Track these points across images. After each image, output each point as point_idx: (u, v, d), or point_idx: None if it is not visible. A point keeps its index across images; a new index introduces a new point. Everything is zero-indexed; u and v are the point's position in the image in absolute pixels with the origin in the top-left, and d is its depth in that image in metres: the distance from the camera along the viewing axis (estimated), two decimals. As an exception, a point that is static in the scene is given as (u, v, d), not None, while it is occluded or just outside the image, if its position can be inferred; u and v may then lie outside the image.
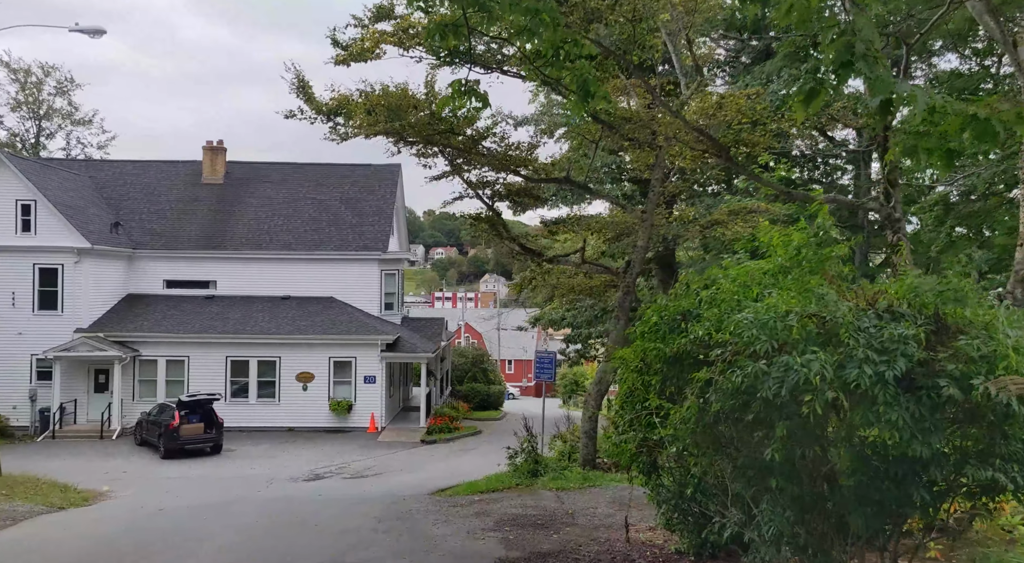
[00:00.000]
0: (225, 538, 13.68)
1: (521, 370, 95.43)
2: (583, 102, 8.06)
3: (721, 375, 6.58)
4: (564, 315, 39.99)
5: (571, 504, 14.43)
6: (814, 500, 6.84)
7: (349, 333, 34.38)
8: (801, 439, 6.49)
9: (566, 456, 18.57)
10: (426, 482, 22.18)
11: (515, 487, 16.81)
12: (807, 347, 6.21)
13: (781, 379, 6.08)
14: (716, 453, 7.13)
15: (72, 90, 54.00)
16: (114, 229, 36.74)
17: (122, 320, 34.73)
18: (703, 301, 7.90)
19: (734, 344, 6.63)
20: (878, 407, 5.87)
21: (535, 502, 14.81)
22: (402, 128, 16.71)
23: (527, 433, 18.15)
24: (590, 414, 17.74)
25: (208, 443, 28.88)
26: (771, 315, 6.46)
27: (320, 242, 37.76)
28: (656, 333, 8.09)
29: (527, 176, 19.51)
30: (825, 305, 6.54)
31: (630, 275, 18.20)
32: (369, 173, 41.86)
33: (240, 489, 21.42)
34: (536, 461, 17.59)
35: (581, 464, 17.52)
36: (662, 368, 7.81)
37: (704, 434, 6.95)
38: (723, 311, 7.24)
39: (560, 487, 15.88)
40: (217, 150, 40.97)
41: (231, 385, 34.25)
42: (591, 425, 17.75)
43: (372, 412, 34.07)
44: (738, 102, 14.54)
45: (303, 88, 17.76)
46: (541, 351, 23.88)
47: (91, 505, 18.62)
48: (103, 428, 32.37)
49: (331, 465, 26.41)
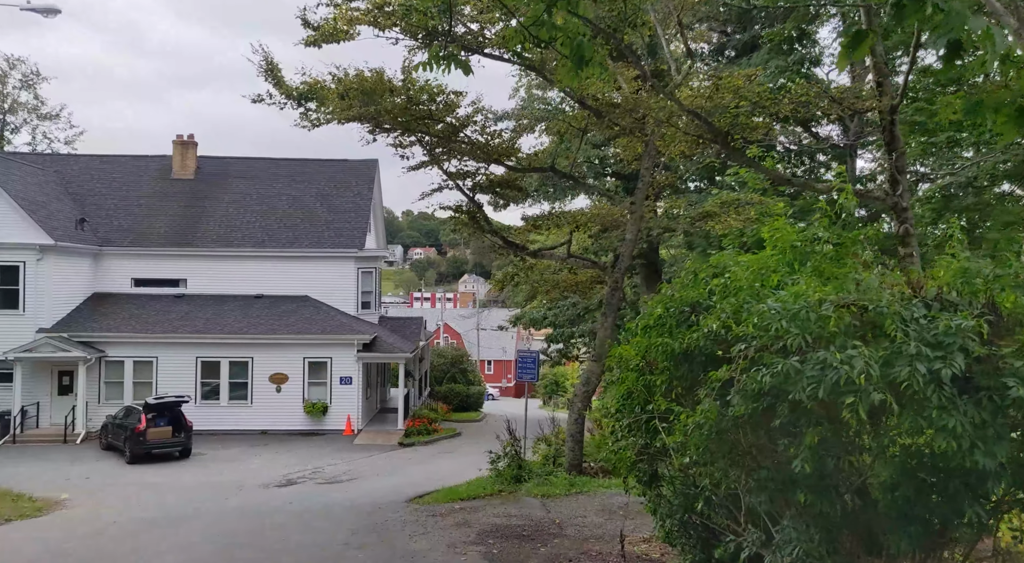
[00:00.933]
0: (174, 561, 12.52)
1: (501, 371, 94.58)
2: (577, 69, 7.15)
3: (743, 374, 5.72)
4: (546, 314, 39.13)
5: (558, 512, 13.54)
6: (844, 517, 6.00)
7: (324, 333, 33.30)
8: (833, 448, 5.65)
9: (551, 460, 17.64)
10: (403, 487, 21.21)
11: (498, 493, 15.87)
12: (846, 341, 5.36)
13: (817, 379, 5.22)
14: (732, 464, 6.26)
15: (38, 84, 52.43)
16: (80, 225, 35.38)
17: (88, 320, 33.43)
18: (715, 291, 7.03)
19: (758, 338, 5.76)
20: (930, 411, 5.03)
21: (519, 510, 13.90)
22: (377, 113, 15.71)
23: (510, 436, 17.25)
24: (576, 416, 16.81)
25: (176, 447, 27.72)
26: (801, 304, 5.61)
27: (294, 239, 36.63)
28: (661, 327, 7.22)
29: (511, 166, 18.53)
30: (864, 292, 5.69)
31: (618, 270, 17.31)
32: (345, 168, 40.80)
33: (206, 497, 20.34)
34: (520, 466, 16.66)
35: (567, 469, 16.61)
36: (668, 367, 6.94)
37: (720, 442, 6.08)
38: (741, 301, 6.38)
39: (546, 494, 14.97)
40: (188, 144, 39.71)
41: (202, 387, 33.06)
42: (577, 428, 16.85)
43: (348, 414, 33.02)
44: (735, 84, 13.72)
45: (272, 71, 16.70)
46: (523, 350, 22.98)
47: (42, 516, 17.46)
48: (67, 432, 31.09)
49: (305, 470, 25.37)
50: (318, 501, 19.08)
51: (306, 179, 39.94)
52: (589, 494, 14.87)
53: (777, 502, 6.20)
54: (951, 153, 21.03)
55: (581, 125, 18.59)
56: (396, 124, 16.46)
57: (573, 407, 16.92)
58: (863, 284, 5.80)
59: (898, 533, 5.63)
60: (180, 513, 17.20)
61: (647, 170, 17.15)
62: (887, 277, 6.17)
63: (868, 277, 5.91)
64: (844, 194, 7.17)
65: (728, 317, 6.23)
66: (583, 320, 36.91)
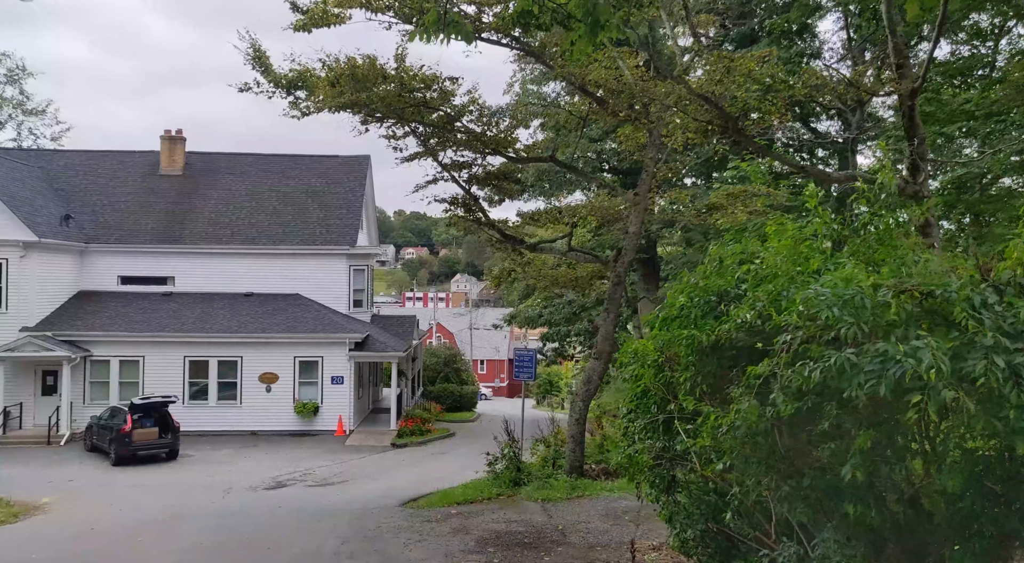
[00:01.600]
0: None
1: (494, 370, 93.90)
2: (592, 34, 6.51)
3: (787, 368, 5.07)
4: (541, 312, 38.45)
5: (560, 518, 12.87)
6: (893, 530, 5.36)
7: (315, 331, 32.56)
8: (885, 453, 5.01)
9: (550, 462, 16.95)
10: (396, 490, 20.53)
11: (496, 497, 15.19)
12: (908, 331, 4.72)
13: (877, 374, 4.58)
14: (767, 470, 5.61)
15: (24, 78, 51.37)
16: (64, 222, 34.55)
17: (72, 318, 32.61)
18: (746, 278, 6.38)
19: (804, 328, 5.12)
20: (1007, 411, 4.39)
21: (520, 516, 13.22)
22: (370, 100, 15.01)
23: (508, 437, 16.57)
24: (577, 417, 16.10)
25: (163, 449, 26.96)
26: (854, 290, 4.96)
27: (285, 236, 35.88)
28: (684, 319, 6.57)
29: (510, 156, 17.81)
30: (927, 276, 5.05)
31: (621, 264, 16.60)
32: (336, 164, 40.07)
33: (193, 500, 19.62)
34: (518, 468, 15.98)
35: (567, 471, 15.92)
36: (693, 362, 6.29)
37: (755, 446, 5.44)
38: (779, 288, 5.73)
39: (546, 498, 14.29)
40: (176, 140, 38.90)
41: (190, 387, 32.28)
42: (578, 428, 16.15)
43: (340, 414, 32.29)
44: (747, 67, 13.05)
45: (259, 58, 15.97)
46: (520, 348, 22.30)
47: (19, 522, 16.71)
48: (51, 433, 30.27)
49: (295, 471, 24.66)
50: (308, 505, 18.39)
51: (297, 175, 39.20)
52: (592, 498, 14.21)
53: (820, 513, 5.56)
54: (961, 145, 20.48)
55: (582, 114, 17.91)
56: (389, 112, 15.75)
57: (574, 407, 16.22)
58: (922, 266, 5.16)
59: (960, 548, 5.00)
60: (163, 518, 16.49)
61: (651, 160, 16.46)
62: (951, 259, 5.51)
63: (929, 258, 5.27)
64: (883, 172, 6.53)
65: (765, 306, 5.59)
66: (578, 319, 36.28)
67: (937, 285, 4.91)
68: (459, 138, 17.15)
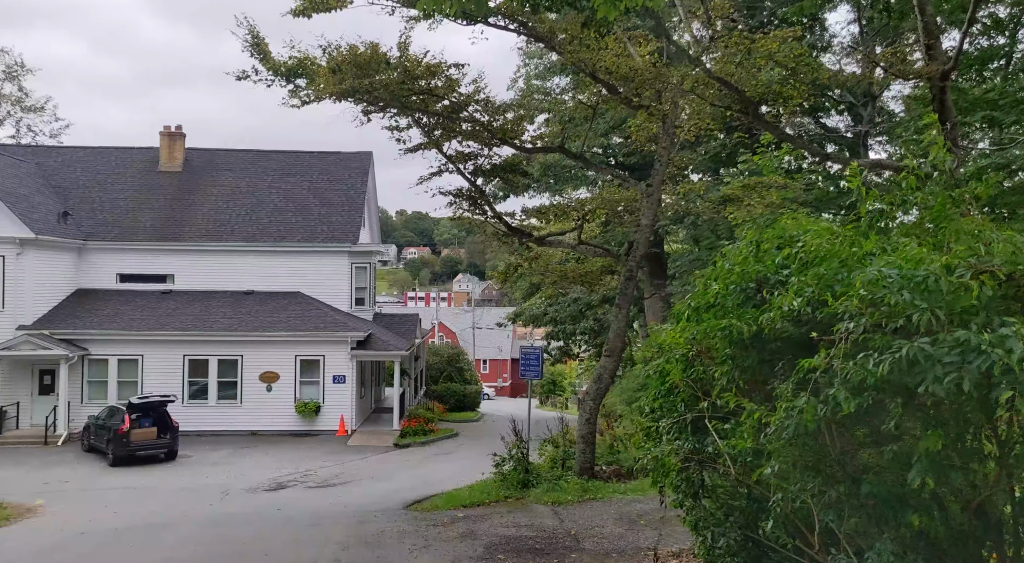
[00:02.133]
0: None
1: (496, 370, 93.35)
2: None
3: (848, 361, 4.50)
4: (546, 310, 37.80)
5: (572, 522, 12.28)
6: (958, 541, 4.80)
7: (317, 330, 32.01)
8: (951, 456, 4.44)
9: (559, 463, 16.36)
10: (400, 492, 19.98)
11: (504, 500, 14.60)
12: (991, 317, 4.16)
13: (957, 366, 4.02)
14: (815, 474, 5.04)
15: (23, 75, 50.95)
16: (62, 219, 34.03)
17: (70, 316, 32.08)
18: (789, 262, 5.80)
19: (866, 315, 4.54)
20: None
21: (529, 520, 12.63)
22: (372, 87, 14.44)
23: (515, 437, 16.00)
24: (587, 416, 15.52)
25: (162, 449, 26.43)
26: (925, 270, 4.39)
27: (286, 233, 35.33)
28: (719, 308, 5.99)
29: (518, 146, 17.19)
30: (1014, 254, 4.47)
31: (633, 257, 15.97)
32: (338, 161, 39.52)
33: (189, 503, 19.08)
34: (527, 469, 15.40)
35: (578, 472, 15.34)
36: (732, 355, 5.73)
37: (803, 448, 4.87)
38: (832, 271, 5.16)
39: (556, 501, 13.70)
40: (175, 136, 38.35)
41: (189, 386, 31.74)
42: (588, 429, 15.55)
43: (341, 414, 31.74)
44: (769, 47, 12.44)
45: (257, 45, 15.39)
46: (527, 346, 21.73)
47: (8, 526, 16.15)
48: (48, 433, 29.75)
49: (295, 472, 24.12)
50: (308, 507, 17.85)
51: (298, 172, 38.65)
52: (604, 501, 13.62)
53: (871, 522, 4.99)
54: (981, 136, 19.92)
55: (592, 104, 17.32)
56: (392, 100, 15.16)
57: (584, 406, 15.63)
58: (1003, 245, 4.59)
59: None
60: (158, 521, 15.93)
61: (664, 149, 15.85)
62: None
63: (1012, 235, 4.69)
64: (936, 148, 5.97)
65: (815, 291, 5.02)
66: (584, 317, 35.66)
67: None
68: (464, 128, 16.58)
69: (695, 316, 6.28)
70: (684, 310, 6.51)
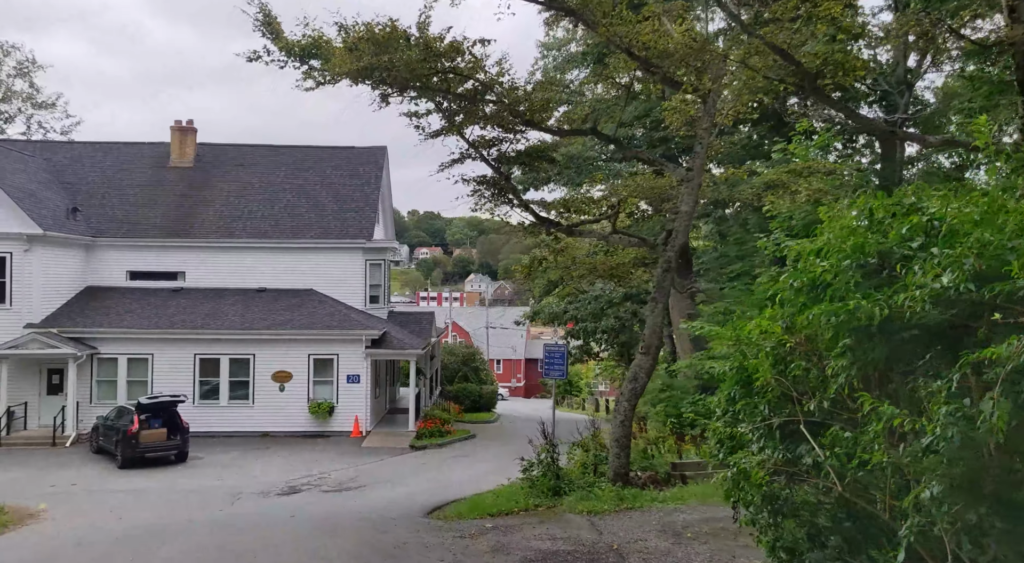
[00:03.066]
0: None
1: (510, 370, 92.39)
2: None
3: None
4: (566, 308, 36.73)
5: (612, 535, 11.29)
6: None
7: (331, 328, 31.13)
8: None
9: (590, 468, 15.38)
10: (418, 497, 19.07)
11: (534, 509, 13.63)
12: None
13: None
14: (974, 498, 4.04)
15: (34, 72, 50.30)
16: (71, 215, 33.30)
17: (79, 314, 31.35)
18: (915, 232, 4.81)
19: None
20: None
21: (565, 531, 11.65)
22: (391, 65, 13.47)
23: (544, 440, 15.01)
24: (622, 418, 14.47)
25: (172, 450, 25.63)
26: None
27: (299, 230, 34.48)
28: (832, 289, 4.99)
29: (547, 128, 16.17)
30: None
31: (671, 247, 14.93)
32: (352, 156, 38.66)
33: (197, 508, 18.22)
34: (557, 475, 14.42)
35: (611, 479, 14.33)
36: (851, 346, 4.74)
37: (966, 464, 3.86)
38: (1001, 238, 4.16)
39: (592, 510, 12.69)
40: (186, 131, 37.59)
41: (200, 386, 30.94)
42: (623, 431, 14.51)
43: (356, 415, 30.86)
44: (831, 12, 11.37)
45: (269, 24, 14.45)
46: (551, 344, 20.67)
47: (6, 533, 15.31)
48: (56, 434, 29.01)
49: (309, 475, 23.25)
50: (323, 513, 16.93)
51: (311, 167, 37.82)
52: (643, 510, 12.61)
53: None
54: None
55: (626, 83, 16.30)
56: (413, 79, 14.17)
57: (618, 408, 14.61)
58: None
59: None
60: (164, 527, 15.07)
61: (705, 131, 14.80)
62: None
63: None
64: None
65: (977, 263, 4.03)
66: (604, 315, 34.60)
67: None
68: (488, 112, 15.58)
69: (793, 300, 5.29)
70: (782, 290, 5.51)
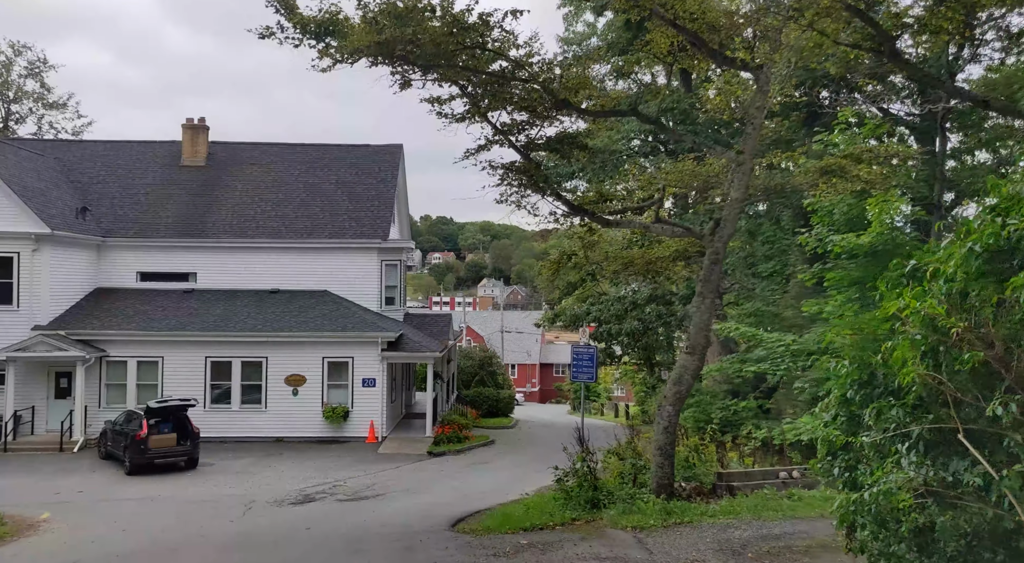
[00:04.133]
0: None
1: (525, 375, 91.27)
2: None
3: None
4: (588, 309, 35.54)
5: (664, 554, 10.19)
6: None
7: (346, 330, 30.15)
8: None
9: (629, 478, 14.25)
10: (441, 507, 18.02)
11: (572, 523, 12.53)
12: None
13: None
14: None
15: (45, 72, 49.75)
16: (80, 214, 32.48)
17: (88, 316, 30.49)
18: None
19: None
20: None
21: (611, 550, 10.56)
22: (414, 37, 12.42)
23: (580, 447, 13.92)
24: (666, 424, 13.32)
25: (181, 457, 24.71)
26: None
27: (313, 229, 33.55)
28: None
29: (585, 110, 14.99)
30: None
31: (719, 238, 13.76)
32: (367, 154, 37.73)
33: (207, 518, 17.25)
34: (595, 486, 13.31)
35: (654, 490, 13.19)
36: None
37: None
38: None
39: (637, 525, 11.55)
40: (198, 129, 36.77)
41: (211, 390, 30.02)
42: (667, 438, 13.34)
43: (372, 420, 29.85)
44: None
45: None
46: (579, 346, 19.53)
47: (3, 546, 14.36)
48: (63, 439, 28.14)
49: (324, 483, 22.27)
50: (341, 526, 15.92)
51: (325, 165, 36.92)
52: (694, 526, 11.47)
53: None
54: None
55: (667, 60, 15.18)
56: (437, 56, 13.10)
57: (661, 413, 13.47)
58: None
59: None
60: (171, 540, 14.10)
61: (757, 109, 13.63)
62: None
63: None
64: None
65: None
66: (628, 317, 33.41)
67: None
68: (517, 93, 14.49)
69: (965, 270, 4.20)
70: (945, 261, 4.42)
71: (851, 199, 18.99)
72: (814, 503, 12.39)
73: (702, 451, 15.72)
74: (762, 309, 23.81)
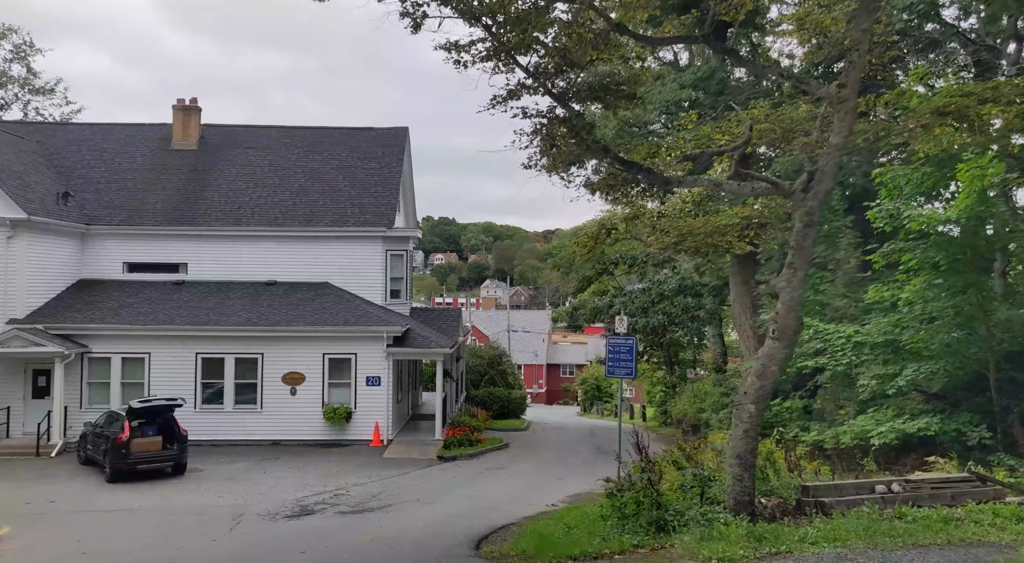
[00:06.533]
0: None
1: (531, 375, 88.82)
2: None
3: None
4: (611, 301, 33.04)
5: (772, 599, 7.78)
6: None
7: (348, 324, 27.73)
8: None
9: (693, 493, 11.76)
10: (459, 521, 15.64)
11: (634, 550, 10.05)
12: None
13: None
14: None
15: (32, 55, 47.35)
16: (62, 200, 30.08)
17: (69, 309, 28.09)
18: None
19: None
20: None
21: (698, 592, 8.16)
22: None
23: (640, 455, 11.48)
24: (746, 427, 10.82)
25: (168, 462, 22.33)
26: None
27: (312, 217, 31.15)
28: None
29: (642, 36, 12.56)
30: None
31: (814, 195, 11.09)
32: (371, 138, 35.35)
33: (190, 535, 14.89)
34: (658, 504, 10.84)
35: (732, 508, 10.67)
36: None
37: None
38: None
39: (723, 557, 9.02)
40: (190, 110, 34.40)
41: (202, 389, 27.59)
42: (747, 445, 10.77)
43: (376, 421, 27.44)
44: None
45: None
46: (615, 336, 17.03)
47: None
48: (41, 443, 25.74)
49: (324, 492, 19.90)
50: (344, 546, 13.55)
51: (326, 149, 34.54)
52: (795, 557, 8.99)
53: None
54: None
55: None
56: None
57: (740, 412, 10.95)
58: None
59: None
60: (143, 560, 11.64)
61: (863, 33, 11.17)
62: None
63: None
64: None
65: None
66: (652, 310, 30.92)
67: None
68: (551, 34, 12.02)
69: None
70: None
71: (927, 169, 16.60)
72: (933, 526, 9.98)
73: (775, 459, 13.30)
74: (810, 298, 21.38)
